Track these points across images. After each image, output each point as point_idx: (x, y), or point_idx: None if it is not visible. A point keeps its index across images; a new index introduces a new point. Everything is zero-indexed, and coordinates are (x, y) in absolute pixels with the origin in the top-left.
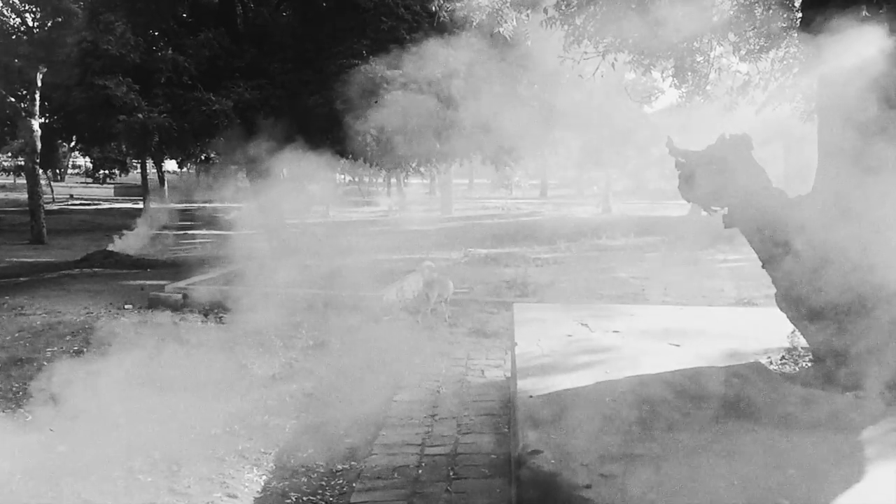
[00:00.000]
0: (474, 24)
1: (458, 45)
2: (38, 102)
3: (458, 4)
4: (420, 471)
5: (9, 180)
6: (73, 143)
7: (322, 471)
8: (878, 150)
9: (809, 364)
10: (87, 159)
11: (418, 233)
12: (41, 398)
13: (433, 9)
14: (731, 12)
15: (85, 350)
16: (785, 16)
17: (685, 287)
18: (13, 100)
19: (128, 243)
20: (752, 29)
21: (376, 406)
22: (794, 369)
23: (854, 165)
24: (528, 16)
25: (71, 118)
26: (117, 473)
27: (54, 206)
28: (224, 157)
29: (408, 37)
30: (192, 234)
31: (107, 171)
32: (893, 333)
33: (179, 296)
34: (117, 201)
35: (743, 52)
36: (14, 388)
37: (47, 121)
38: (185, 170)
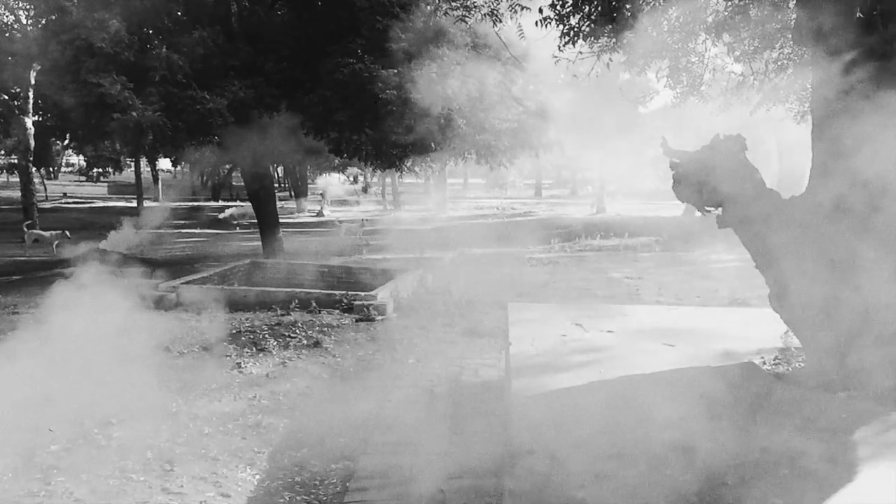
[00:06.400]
0: (469, 23)
1: (454, 44)
2: (31, 100)
3: (454, 3)
4: (414, 470)
5: (2, 178)
6: (66, 141)
7: (316, 470)
8: (871, 151)
9: (802, 364)
10: (81, 157)
11: (413, 232)
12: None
13: (430, 8)
14: (726, 13)
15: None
16: (779, 17)
17: (679, 287)
18: (7, 97)
19: (121, 242)
20: (747, 30)
21: (370, 405)
22: (788, 369)
23: (848, 166)
24: (522, 14)
25: (64, 116)
26: (110, 472)
27: (47, 205)
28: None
29: (403, 36)
30: (186, 232)
31: (100, 170)
32: (886, 334)
33: (173, 294)
34: (111, 199)
35: (737, 53)
36: None
37: (41, 119)
38: (178, 168)
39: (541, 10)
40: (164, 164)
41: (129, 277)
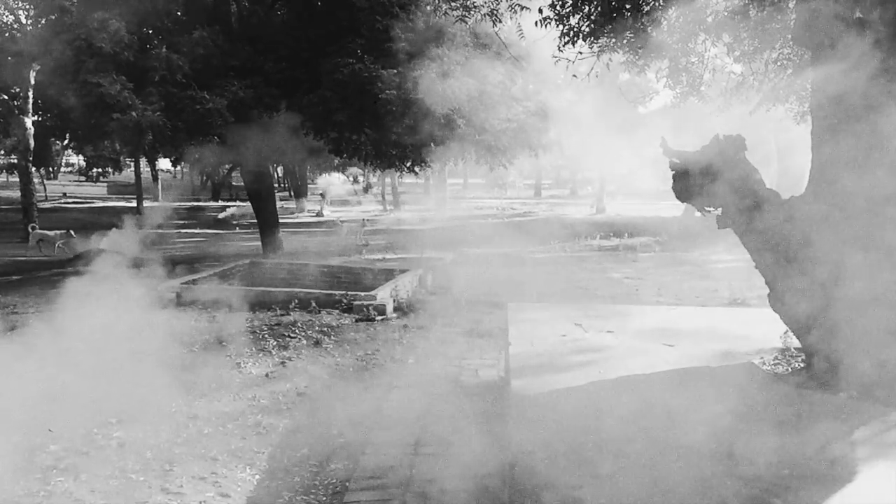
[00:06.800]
0: (469, 23)
1: (454, 44)
2: (31, 100)
3: (454, 3)
4: (413, 470)
5: (1, 178)
6: (66, 141)
7: (315, 470)
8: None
9: (802, 365)
10: (81, 157)
11: (413, 232)
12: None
13: (429, 8)
14: (726, 13)
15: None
16: (779, 17)
17: (679, 287)
18: (6, 97)
19: (121, 241)
20: (747, 30)
21: (370, 405)
22: (787, 370)
23: (847, 166)
24: (522, 14)
25: (64, 116)
26: (109, 472)
27: (47, 205)
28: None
29: (402, 36)
30: (186, 232)
31: (100, 170)
32: (885, 334)
33: (173, 294)
34: (111, 199)
35: (737, 53)
36: None
37: (40, 119)
38: (178, 168)
39: (540, 11)
40: (164, 164)
41: (129, 277)
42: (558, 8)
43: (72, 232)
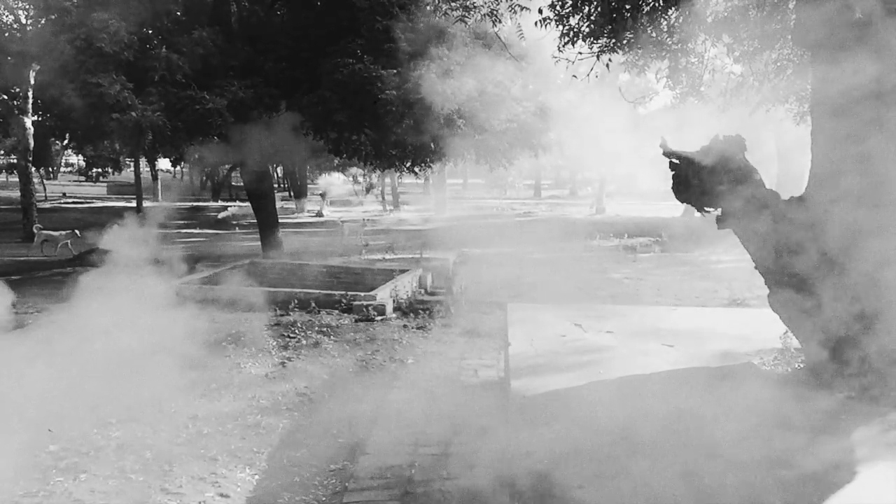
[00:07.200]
0: (469, 23)
1: (454, 45)
2: (30, 100)
3: (454, 3)
4: (413, 471)
5: (1, 178)
6: (66, 141)
7: (315, 470)
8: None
9: (802, 365)
10: (80, 157)
11: (413, 233)
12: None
13: (429, 8)
14: (726, 13)
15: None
16: (779, 17)
17: (678, 288)
18: (6, 97)
19: (120, 239)
20: (747, 30)
21: (369, 406)
22: (787, 370)
23: (846, 165)
24: (521, 15)
25: (64, 116)
26: (109, 472)
27: (47, 205)
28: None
29: (402, 36)
30: (185, 232)
31: (100, 170)
32: (885, 336)
33: (172, 294)
34: (110, 199)
35: (737, 54)
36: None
37: (40, 119)
38: (178, 168)
39: (540, 11)
40: (164, 164)
41: (128, 276)
42: (558, 8)
43: (77, 232)
